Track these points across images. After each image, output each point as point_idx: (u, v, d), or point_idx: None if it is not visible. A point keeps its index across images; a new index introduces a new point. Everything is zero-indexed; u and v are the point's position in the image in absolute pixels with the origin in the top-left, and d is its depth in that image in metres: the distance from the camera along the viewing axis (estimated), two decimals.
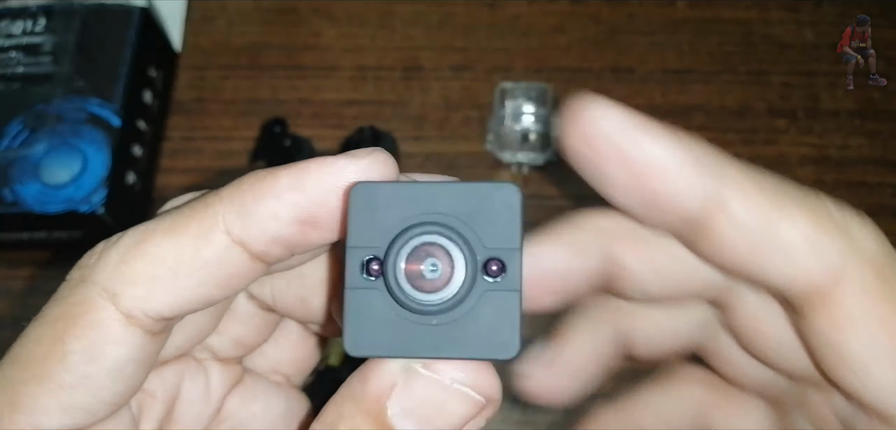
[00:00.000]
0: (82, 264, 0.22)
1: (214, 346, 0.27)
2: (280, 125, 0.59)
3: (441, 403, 0.21)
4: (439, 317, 0.21)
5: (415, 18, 0.64)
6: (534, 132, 0.57)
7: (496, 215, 0.21)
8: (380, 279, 0.21)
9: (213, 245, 0.21)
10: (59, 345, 0.20)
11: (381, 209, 0.21)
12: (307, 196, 0.21)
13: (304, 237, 0.21)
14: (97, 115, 0.54)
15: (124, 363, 0.21)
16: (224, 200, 0.21)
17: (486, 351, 0.21)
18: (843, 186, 0.57)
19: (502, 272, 0.21)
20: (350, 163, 0.21)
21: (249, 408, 0.28)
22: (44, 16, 0.57)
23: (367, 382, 0.21)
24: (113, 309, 0.21)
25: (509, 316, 0.20)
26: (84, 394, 0.21)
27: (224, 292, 0.22)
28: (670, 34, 0.63)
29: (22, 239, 0.55)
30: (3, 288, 0.56)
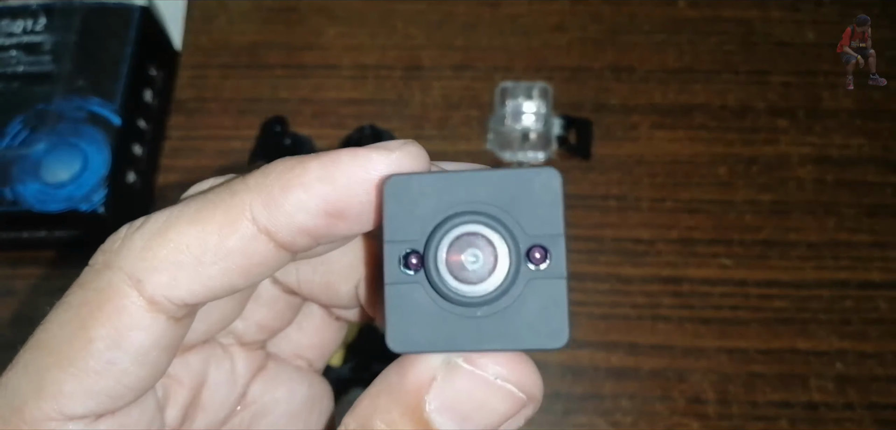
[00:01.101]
0: (106, 249, 0.22)
1: (239, 330, 0.27)
2: (280, 124, 0.59)
3: (482, 399, 0.21)
4: (484, 308, 0.20)
5: (415, 17, 0.64)
6: (534, 132, 0.57)
7: (537, 200, 0.20)
8: (420, 272, 0.20)
9: (239, 234, 0.21)
10: (84, 331, 0.20)
11: (417, 201, 0.20)
12: (336, 188, 0.20)
13: (332, 229, 0.21)
14: (97, 114, 0.54)
15: (148, 349, 0.21)
16: (251, 189, 0.21)
17: (536, 341, 0.20)
18: (843, 185, 0.57)
19: (546, 259, 0.20)
20: (381, 156, 0.21)
21: (273, 393, 0.28)
22: (44, 14, 0.57)
23: (406, 375, 0.21)
24: (137, 295, 0.20)
25: (557, 304, 0.20)
26: (108, 380, 0.21)
27: (249, 281, 0.22)
28: (671, 33, 0.62)
29: (22, 238, 0.55)
30: (4, 288, 0.56)
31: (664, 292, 0.54)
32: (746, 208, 0.56)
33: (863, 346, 0.52)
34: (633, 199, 0.57)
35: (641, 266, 0.55)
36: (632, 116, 0.60)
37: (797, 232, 0.55)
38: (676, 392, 0.51)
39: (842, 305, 0.53)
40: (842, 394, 0.51)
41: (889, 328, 0.52)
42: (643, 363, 0.52)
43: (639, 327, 0.53)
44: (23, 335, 0.22)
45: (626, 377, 0.52)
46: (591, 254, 0.55)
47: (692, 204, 0.57)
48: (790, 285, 0.54)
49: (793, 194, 0.57)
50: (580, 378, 0.52)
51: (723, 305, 0.54)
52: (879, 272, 0.54)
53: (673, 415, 0.51)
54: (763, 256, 0.55)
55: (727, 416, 0.51)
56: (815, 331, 0.53)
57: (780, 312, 0.53)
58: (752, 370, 0.52)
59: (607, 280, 0.54)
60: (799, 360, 0.52)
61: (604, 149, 0.58)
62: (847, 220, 0.56)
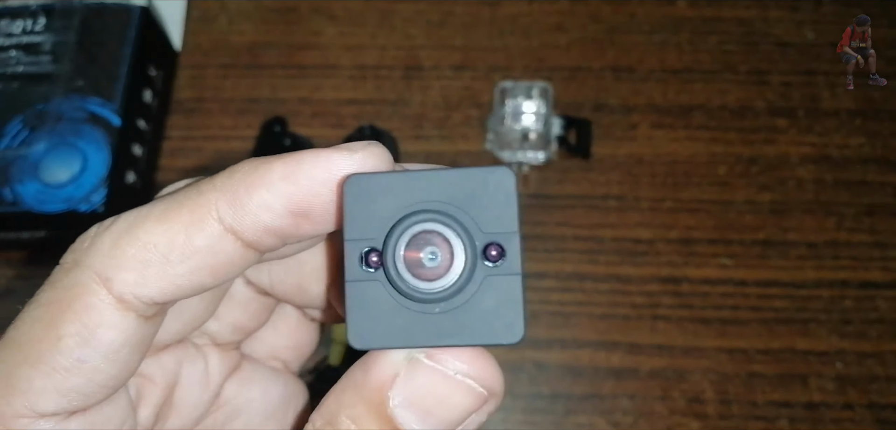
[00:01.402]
0: (75, 248, 0.22)
1: (213, 331, 0.27)
2: (280, 124, 0.59)
3: (444, 394, 0.21)
4: (441, 305, 0.21)
5: (415, 17, 0.64)
6: (534, 131, 0.57)
7: (492, 198, 0.21)
8: (379, 270, 0.21)
9: (205, 233, 0.21)
10: (54, 328, 0.21)
11: (376, 200, 0.21)
12: (300, 188, 0.21)
13: (297, 228, 0.21)
14: (97, 114, 0.54)
15: (119, 347, 0.21)
16: (217, 188, 0.21)
17: (492, 336, 0.21)
18: (843, 185, 0.57)
19: (502, 256, 0.21)
20: (343, 156, 0.21)
21: (247, 393, 0.28)
22: (44, 15, 0.57)
23: (369, 371, 0.21)
24: (106, 293, 0.21)
25: (512, 300, 0.20)
26: (79, 377, 0.21)
27: (216, 280, 0.22)
28: (671, 33, 0.62)
29: (22, 238, 0.55)
30: (4, 288, 0.56)
31: (664, 291, 0.54)
32: (746, 208, 0.56)
33: (863, 346, 0.52)
34: (632, 199, 0.57)
35: (641, 266, 0.55)
36: (631, 115, 0.60)
37: (797, 232, 0.55)
38: (676, 392, 0.51)
39: (842, 305, 0.53)
40: (842, 394, 0.51)
41: (889, 328, 0.52)
42: (643, 363, 0.52)
43: (639, 327, 0.53)
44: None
45: (626, 377, 0.52)
46: (591, 254, 0.55)
47: (692, 204, 0.57)
48: (790, 284, 0.54)
49: (792, 194, 0.57)
50: (580, 378, 0.52)
51: (723, 305, 0.54)
52: (879, 272, 0.54)
53: (673, 415, 0.51)
54: (763, 256, 0.55)
55: (727, 416, 0.51)
56: (814, 331, 0.53)
57: (779, 312, 0.53)
58: (751, 369, 0.52)
59: (607, 280, 0.54)
60: (799, 360, 0.52)
61: (603, 149, 0.58)
62: (847, 220, 0.56)
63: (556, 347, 0.53)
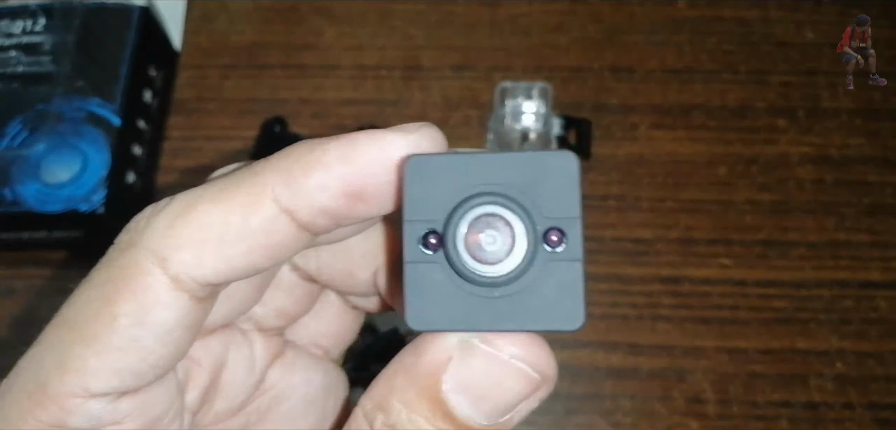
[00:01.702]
0: (131, 228, 0.22)
1: (258, 316, 0.27)
2: (280, 124, 0.59)
3: (498, 379, 0.21)
4: (501, 289, 0.20)
5: (415, 18, 0.64)
6: (534, 132, 0.57)
7: (554, 183, 0.20)
8: (439, 252, 0.21)
9: (261, 213, 0.21)
10: (108, 307, 0.20)
11: (437, 181, 0.21)
12: (355, 169, 0.21)
13: (352, 210, 0.21)
14: (97, 114, 0.54)
15: (172, 328, 0.21)
16: (273, 169, 0.21)
17: (552, 323, 0.20)
18: (843, 185, 0.57)
19: (563, 241, 0.20)
20: (400, 137, 0.21)
21: (290, 380, 0.28)
22: (43, 15, 0.57)
23: (422, 355, 0.21)
24: (161, 273, 0.21)
25: (573, 286, 0.20)
26: (132, 357, 0.21)
27: (270, 261, 0.22)
28: (670, 33, 0.62)
29: (22, 239, 0.55)
30: (4, 288, 0.56)
31: (664, 292, 0.54)
32: (746, 208, 0.56)
33: (863, 346, 0.52)
34: (632, 199, 0.57)
35: (641, 266, 0.55)
36: (631, 115, 0.60)
37: (797, 232, 0.55)
38: (676, 392, 0.51)
39: (842, 305, 0.53)
40: (842, 394, 0.51)
41: (889, 328, 0.52)
42: (643, 363, 0.52)
43: (639, 327, 0.53)
44: (23, 336, 0.22)
45: (626, 377, 0.52)
46: (591, 254, 0.55)
47: (692, 204, 0.57)
48: (790, 285, 0.54)
49: (792, 194, 0.57)
50: (580, 378, 0.52)
51: (723, 305, 0.54)
52: (879, 272, 0.54)
53: (673, 415, 0.51)
54: (763, 256, 0.55)
55: (727, 416, 0.51)
56: (814, 331, 0.53)
57: (779, 312, 0.53)
58: (752, 369, 0.52)
59: (607, 280, 0.54)
60: (799, 360, 0.52)
61: (603, 149, 0.58)
62: (847, 220, 0.56)
63: (557, 347, 0.53)
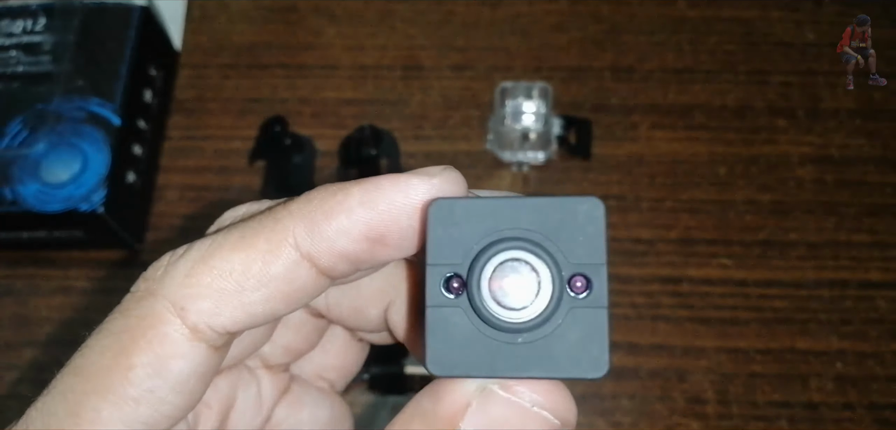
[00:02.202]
0: (148, 276, 0.22)
1: (265, 354, 0.27)
2: (280, 124, 0.59)
3: (517, 426, 0.21)
4: (525, 335, 0.20)
5: (415, 17, 0.64)
6: (534, 131, 0.57)
7: (579, 229, 0.20)
8: (462, 296, 0.20)
9: (282, 260, 0.21)
10: (124, 358, 0.20)
11: (461, 225, 0.20)
12: (378, 214, 0.21)
13: (373, 254, 0.21)
14: (97, 114, 0.54)
15: (188, 378, 0.21)
16: (294, 215, 0.21)
17: (575, 371, 0.20)
18: (843, 185, 0.57)
19: (588, 288, 0.20)
20: (422, 181, 0.21)
21: (297, 416, 0.28)
22: (44, 14, 0.57)
23: (440, 401, 0.21)
24: (180, 323, 0.21)
25: (598, 333, 0.20)
26: (147, 408, 0.21)
27: (290, 307, 0.22)
28: (670, 33, 0.62)
29: (22, 238, 0.55)
30: (4, 288, 0.56)
31: (664, 292, 0.54)
32: (746, 208, 0.56)
33: (862, 346, 0.52)
34: (632, 199, 0.57)
35: (641, 266, 0.55)
36: (631, 116, 0.60)
37: (797, 232, 0.55)
38: (676, 392, 0.51)
39: (842, 305, 0.53)
40: (841, 394, 0.51)
41: (889, 328, 0.52)
42: (643, 362, 0.52)
43: (639, 327, 0.53)
44: (23, 336, 0.22)
45: (626, 377, 0.52)
46: None
47: (692, 204, 0.57)
48: (790, 285, 0.54)
49: (792, 194, 0.57)
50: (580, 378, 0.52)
51: (723, 305, 0.54)
52: (879, 272, 0.54)
53: (673, 415, 0.51)
54: (763, 256, 0.55)
55: (727, 416, 0.51)
56: (814, 331, 0.53)
57: (779, 312, 0.53)
58: (752, 369, 0.52)
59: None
60: (799, 360, 0.52)
61: (603, 149, 0.58)
62: (847, 220, 0.56)
63: None
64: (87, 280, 0.55)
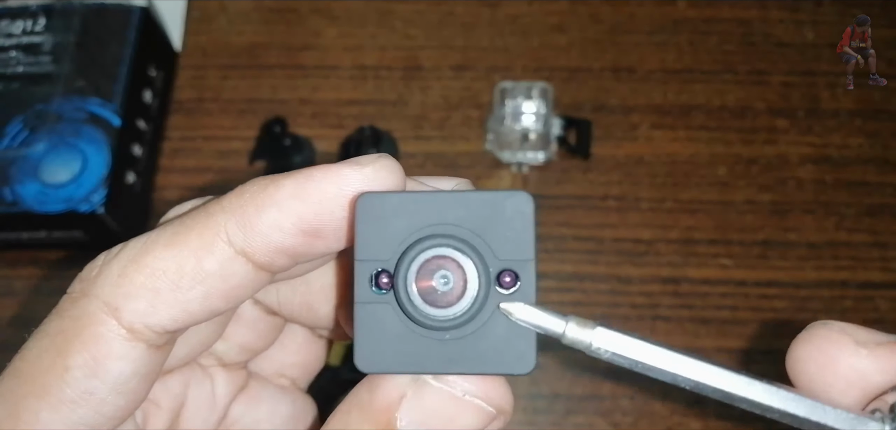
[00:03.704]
0: (83, 277, 0.21)
1: (220, 352, 0.27)
2: (280, 125, 0.59)
3: (452, 415, 0.21)
4: (452, 332, 0.20)
5: (415, 18, 0.64)
6: (534, 132, 0.57)
7: (508, 224, 0.20)
8: (390, 293, 0.20)
9: (216, 256, 0.20)
10: (61, 359, 0.20)
11: (389, 220, 0.20)
12: (310, 206, 0.20)
13: (309, 247, 0.21)
14: (97, 114, 0.54)
15: (128, 378, 0.21)
16: (226, 210, 0.21)
17: (502, 366, 0.20)
18: (843, 185, 0.57)
19: (516, 284, 0.20)
20: (354, 171, 0.20)
21: (255, 413, 0.28)
22: (44, 15, 0.57)
23: (376, 392, 0.21)
24: (115, 324, 0.20)
25: (525, 329, 0.20)
26: (86, 409, 0.20)
27: (228, 303, 0.21)
28: (670, 34, 0.62)
29: (22, 239, 0.54)
30: (4, 288, 0.56)
31: (664, 292, 0.54)
32: (746, 208, 0.56)
33: None
34: (632, 199, 0.57)
35: (641, 266, 0.55)
36: (631, 116, 0.60)
37: (797, 232, 0.55)
38: (676, 392, 0.51)
39: (842, 305, 0.53)
40: None
41: (889, 328, 0.52)
42: None
43: (639, 328, 0.53)
44: (23, 336, 0.22)
45: (626, 377, 0.52)
46: (591, 254, 0.55)
47: (692, 204, 0.57)
48: (790, 285, 0.54)
49: (792, 194, 0.57)
50: (580, 378, 0.52)
51: (723, 305, 0.54)
52: (879, 272, 0.54)
53: (673, 415, 0.51)
54: (763, 256, 0.55)
55: (727, 416, 0.51)
56: None
57: (779, 312, 0.53)
58: (751, 370, 0.52)
59: (607, 280, 0.54)
60: None
61: (603, 149, 0.58)
62: (847, 220, 0.56)
63: (557, 346, 0.53)
64: None
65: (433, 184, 0.23)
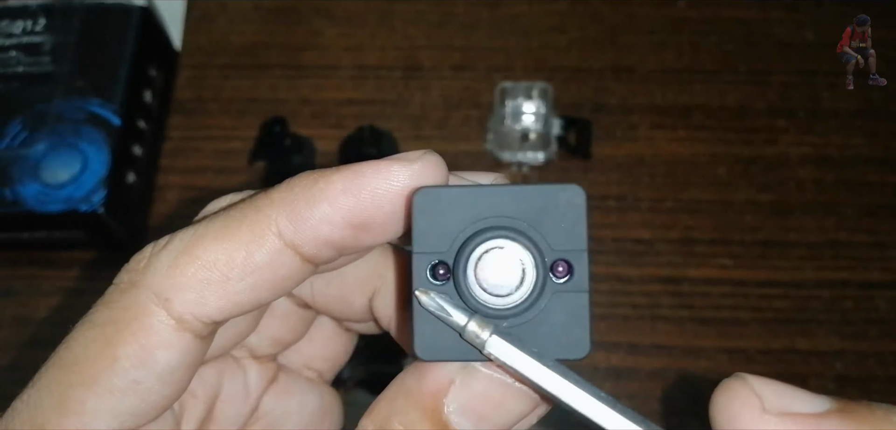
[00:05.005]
0: (131, 268, 0.22)
1: (252, 344, 0.27)
2: (280, 125, 0.59)
3: (499, 401, 0.21)
4: (511, 319, 0.21)
5: (415, 18, 0.64)
6: (534, 132, 0.57)
7: (561, 216, 0.21)
8: (448, 283, 0.21)
9: (265, 248, 0.21)
10: (110, 349, 0.20)
11: (446, 213, 0.21)
12: (360, 200, 0.21)
13: (356, 241, 0.22)
14: (97, 114, 0.54)
15: (174, 368, 0.21)
16: (276, 203, 0.21)
17: (559, 351, 0.21)
18: (843, 185, 0.57)
19: (570, 273, 0.21)
20: (403, 166, 0.21)
21: (285, 405, 0.28)
22: (44, 15, 0.57)
23: (424, 378, 0.21)
24: (164, 314, 0.21)
25: (580, 316, 0.21)
26: (133, 398, 0.21)
27: (274, 295, 0.22)
28: (670, 34, 0.62)
29: (22, 239, 0.54)
30: (4, 288, 0.56)
31: (664, 292, 0.54)
32: (746, 208, 0.56)
33: (863, 346, 0.52)
34: (632, 199, 0.57)
35: (641, 266, 0.55)
36: (631, 116, 0.60)
37: (797, 232, 0.55)
38: (676, 392, 0.51)
39: (842, 305, 0.53)
40: (842, 394, 0.50)
41: (889, 328, 0.52)
42: (643, 363, 0.52)
43: (639, 327, 0.53)
44: (22, 336, 0.22)
45: (626, 377, 0.52)
46: None
47: (692, 204, 0.57)
48: (790, 285, 0.54)
49: (792, 194, 0.57)
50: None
51: (723, 305, 0.54)
52: (879, 272, 0.54)
53: (673, 415, 0.51)
54: (763, 256, 0.55)
55: None
56: (815, 331, 0.53)
57: (779, 312, 0.53)
58: (751, 370, 0.51)
59: (607, 280, 0.54)
60: (799, 360, 0.52)
61: (603, 149, 0.58)
62: (847, 220, 0.56)
63: None
64: (87, 280, 0.55)
65: (473, 179, 0.23)
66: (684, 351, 0.52)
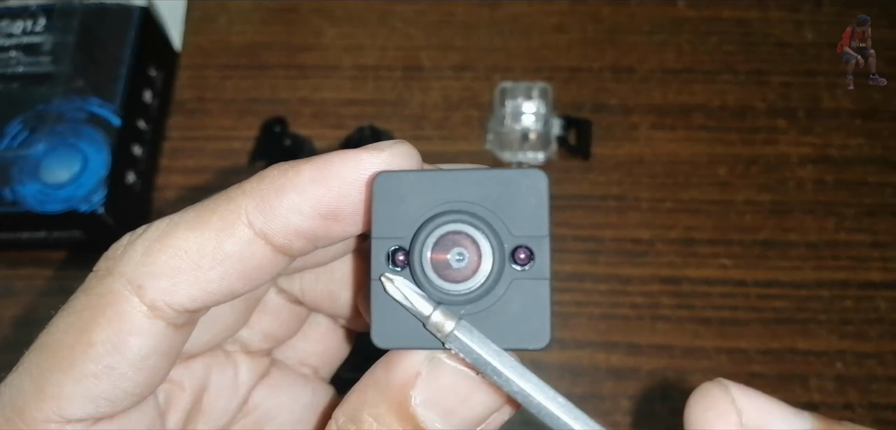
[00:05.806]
0: (109, 256, 0.22)
1: (244, 339, 0.27)
2: (280, 125, 0.59)
3: (466, 394, 0.21)
4: (467, 307, 0.20)
5: (415, 18, 0.64)
6: (534, 132, 0.57)
7: (523, 201, 0.20)
8: (406, 269, 0.21)
9: (236, 238, 0.21)
10: (85, 335, 0.21)
11: (405, 199, 0.21)
12: (329, 189, 0.21)
13: (327, 230, 0.22)
14: (97, 114, 0.54)
15: (148, 355, 0.21)
16: (246, 193, 0.21)
17: (517, 341, 0.20)
18: (843, 185, 0.57)
19: (531, 260, 0.20)
20: (372, 155, 0.21)
21: (276, 399, 0.28)
22: (44, 15, 0.57)
23: (392, 370, 0.21)
24: (137, 301, 0.21)
25: (539, 305, 0.20)
26: (108, 384, 0.21)
27: (247, 285, 0.22)
28: (670, 34, 0.62)
29: (22, 239, 0.55)
30: (4, 288, 0.56)
31: (664, 292, 0.54)
32: (746, 209, 0.56)
33: (863, 346, 0.52)
34: (632, 199, 0.57)
35: (641, 266, 0.55)
36: (631, 116, 0.60)
37: (797, 232, 0.55)
38: (676, 392, 0.51)
39: (842, 305, 0.53)
40: (842, 394, 0.51)
41: (889, 328, 0.52)
42: (643, 363, 0.52)
43: (639, 327, 0.53)
44: (23, 336, 0.22)
45: (626, 377, 0.52)
46: (591, 254, 0.55)
47: (692, 204, 0.57)
48: (790, 285, 0.54)
49: (792, 195, 0.57)
50: (580, 378, 0.52)
51: (722, 305, 0.54)
52: (879, 272, 0.54)
53: (673, 415, 0.51)
54: (763, 256, 0.55)
55: None
56: (814, 331, 0.53)
57: (779, 312, 0.53)
58: (751, 370, 0.52)
59: (607, 280, 0.54)
60: (799, 360, 0.52)
61: (603, 149, 0.58)
62: (847, 220, 0.56)
63: (556, 347, 0.53)
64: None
65: (447, 167, 0.23)
66: (684, 351, 0.52)
